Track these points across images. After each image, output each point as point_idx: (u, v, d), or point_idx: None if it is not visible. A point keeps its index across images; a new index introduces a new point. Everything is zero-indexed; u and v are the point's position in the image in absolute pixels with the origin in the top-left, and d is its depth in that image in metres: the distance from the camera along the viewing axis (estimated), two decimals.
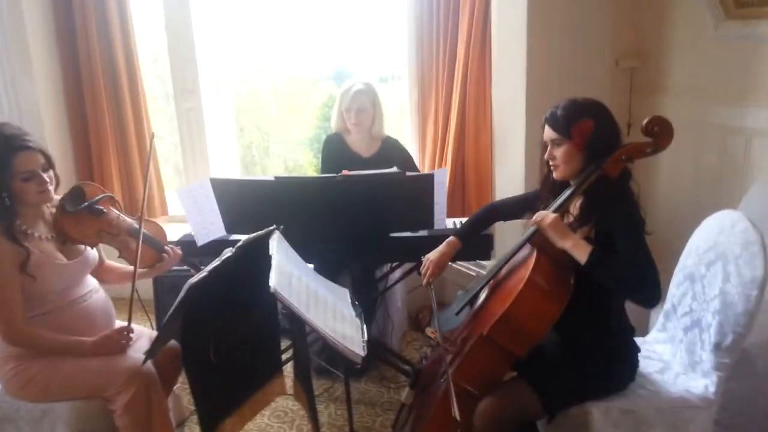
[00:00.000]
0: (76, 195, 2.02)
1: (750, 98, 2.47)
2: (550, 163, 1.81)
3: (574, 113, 1.73)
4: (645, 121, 1.66)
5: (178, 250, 2.23)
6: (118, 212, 2.11)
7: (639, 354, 1.89)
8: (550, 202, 1.82)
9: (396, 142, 3.03)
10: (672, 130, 1.64)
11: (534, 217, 1.76)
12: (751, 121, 2.48)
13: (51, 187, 1.92)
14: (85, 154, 3.70)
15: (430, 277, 2.06)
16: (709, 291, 1.86)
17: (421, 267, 2.09)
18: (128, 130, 3.63)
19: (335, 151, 3.01)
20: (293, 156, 5.17)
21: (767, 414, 2.10)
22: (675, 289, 2.05)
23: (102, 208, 2.05)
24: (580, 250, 1.63)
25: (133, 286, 2.02)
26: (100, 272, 2.18)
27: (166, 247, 2.20)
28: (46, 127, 3.46)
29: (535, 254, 1.74)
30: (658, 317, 2.16)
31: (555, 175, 1.80)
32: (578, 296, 1.69)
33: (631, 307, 1.85)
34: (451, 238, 2.09)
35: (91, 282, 2.09)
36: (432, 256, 2.08)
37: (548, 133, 1.79)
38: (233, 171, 4.03)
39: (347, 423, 2.49)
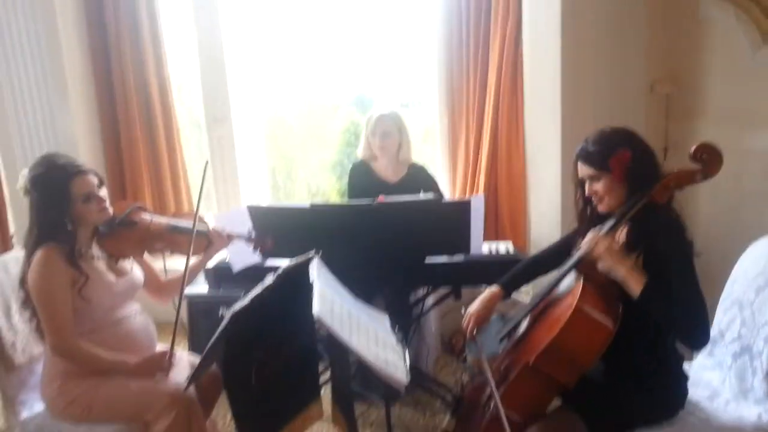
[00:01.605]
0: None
1: None
2: (593, 198, 1.78)
3: (607, 145, 1.71)
4: (693, 148, 1.63)
5: (225, 233, 2.24)
6: (149, 216, 2.18)
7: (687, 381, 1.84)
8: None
9: (422, 168, 3.03)
10: (721, 156, 1.61)
11: (585, 241, 1.71)
12: None
13: (108, 204, 2.00)
14: (120, 184, 3.76)
15: (472, 331, 1.96)
16: (759, 317, 1.82)
17: (463, 320, 2.00)
18: (161, 161, 3.70)
19: (362, 177, 3.02)
20: (316, 181, 5.20)
21: None
22: (722, 315, 2.00)
23: (133, 218, 2.13)
24: (634, 281, 1.60)
25: (182, 291, 2.04)
26: (160, 289, 2.22)
27: (209, 230, 2.23)
28: (82, 159, 3.52)
29: (582, 282, 1.71)
30: None
31: (600, 208, 1.77)
32: (627, 324, 1.65)
33: None
34: (493, 286, 2.01)
35: (135, 305, 2.13)
36: (473, 308, 1.98)
37: (584, 170, 1.77)
38: (263, 196, 4.06)
39: None
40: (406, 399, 2.83)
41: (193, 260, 2.18)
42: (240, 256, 2.54)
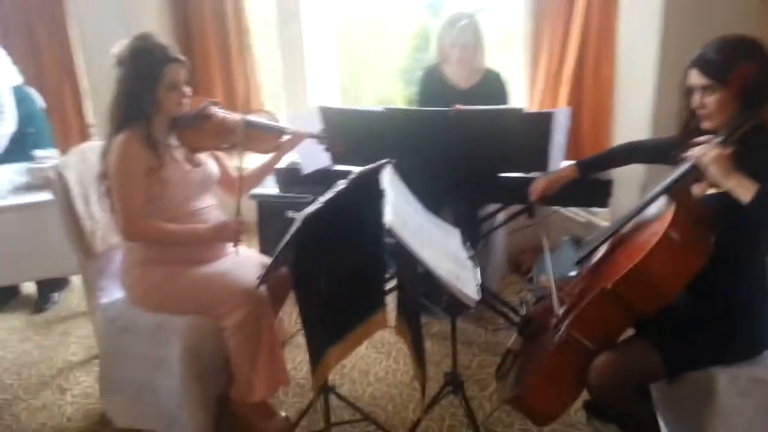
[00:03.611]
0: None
1: None
2: (699, 112, 1.63)
3: (730, 56, 1.54)
4: None
5: (300, 131, 2.23)
6: (223, 111, 2.17)
7: None
8: None
9: (498, 75, 2.88)
10: None
11: (692, 151, 1.56)
12: None
13: (186, 101, 2.01)
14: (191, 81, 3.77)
15: (538, 194, 2.06)
16: None
17: (530, 186, 2.06)
18: (232, 58, 3.68)
19: (432, 83, 2.92)
20: (383, 87, 5.07)
21: None
22: None
23: (209, 113, 2.12)
24: (744, 188, 1.45)
25: (240, 175, 2.07)
26: (233, 184, 2.21)
27: (283, 126, 2.23)
28: None
29: (673, 207, 1.59)
30: None
31: (705, 125, 1.62)
32: (717, 256, 1.54)
33: None
34: (570, 163, 2.00)
35: (211, 200, 2.15)
36: (543, 177, 2.05)
37: (697, 78, 1.60)
38: (332, 100, 3.99)
39: (443, 360, 2.49)
40: (469, 313, 2.83)
41: (267, 158, 2.21)
42: (311, 158, 2.51)
